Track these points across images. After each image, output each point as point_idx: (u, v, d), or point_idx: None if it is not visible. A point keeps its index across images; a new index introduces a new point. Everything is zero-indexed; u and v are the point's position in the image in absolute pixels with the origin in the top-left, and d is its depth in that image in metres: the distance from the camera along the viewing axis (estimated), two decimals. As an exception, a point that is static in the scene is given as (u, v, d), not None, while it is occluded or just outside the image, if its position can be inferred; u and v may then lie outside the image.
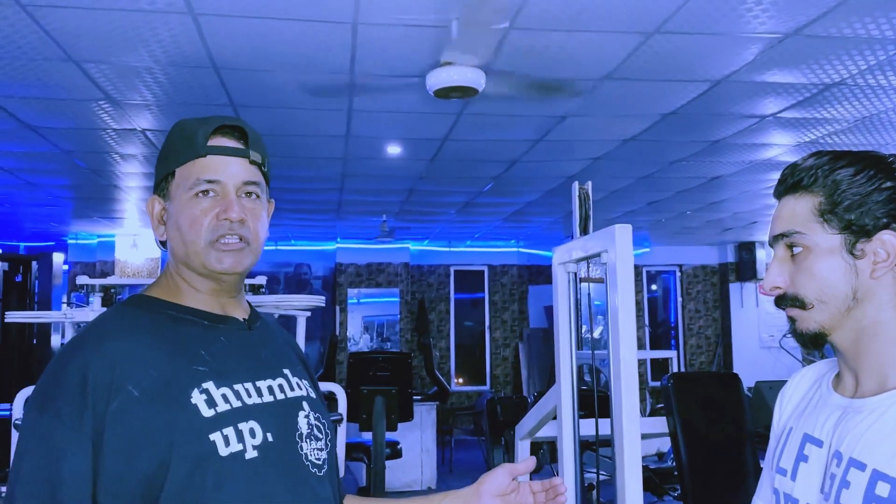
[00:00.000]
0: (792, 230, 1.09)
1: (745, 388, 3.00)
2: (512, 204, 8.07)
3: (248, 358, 1.17)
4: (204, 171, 1.15)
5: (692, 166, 6.27)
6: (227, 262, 1.15)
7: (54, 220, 8.71)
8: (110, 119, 4.74)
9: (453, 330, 11.40)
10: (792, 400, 1.22)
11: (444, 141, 5.43)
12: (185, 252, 1.16)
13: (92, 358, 1.04)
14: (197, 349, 1.12)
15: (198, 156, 1.15)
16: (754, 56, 3.81)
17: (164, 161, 1.20)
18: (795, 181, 1.11)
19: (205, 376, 1.08)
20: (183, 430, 1.03)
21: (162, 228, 1.20)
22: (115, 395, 1.02)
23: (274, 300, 3.01)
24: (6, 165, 5.96)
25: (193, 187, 1.15)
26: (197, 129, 1.17)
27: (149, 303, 1.18)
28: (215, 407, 1.06)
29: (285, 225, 9.23)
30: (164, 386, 1.05)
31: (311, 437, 1.17)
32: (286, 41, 3.55)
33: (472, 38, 3.45)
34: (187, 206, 1.15)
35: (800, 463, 1.11)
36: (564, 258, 2.35)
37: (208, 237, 1.14)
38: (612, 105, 4.61)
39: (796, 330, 1.12)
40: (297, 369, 1.26)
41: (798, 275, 1.09)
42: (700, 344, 11.55)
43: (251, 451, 1.06)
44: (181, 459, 1.02)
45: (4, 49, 3.56)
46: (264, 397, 1.13)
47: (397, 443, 5.23)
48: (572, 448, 2.29)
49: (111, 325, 1.12)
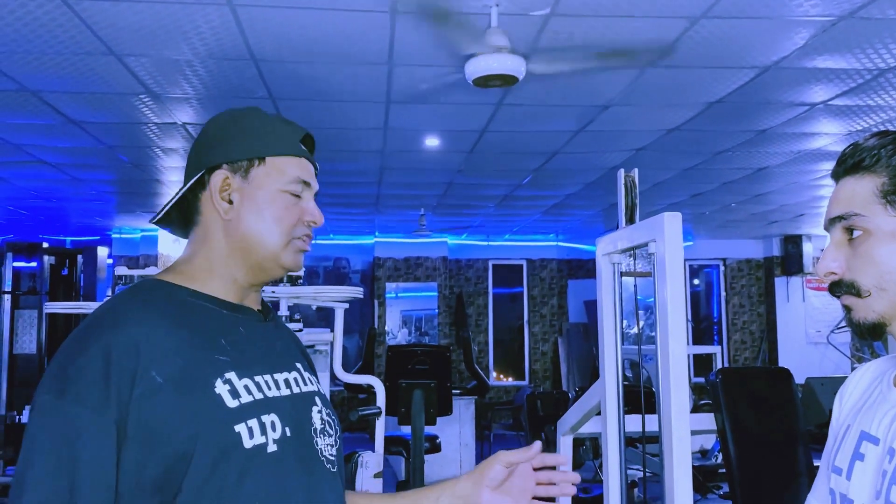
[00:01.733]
0: (851, 212, 1.02)
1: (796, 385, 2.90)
2: (552, 197, 7.98)
3: (265, 350, 1.15)
4: (303, 173, 1.18)
5: (738, 157, 6.11)
6: (297, 261, 1.19)
7: (98, 214, 8.86)
8: (151, 113, 4.78)
9: (492, 324, 11.35)
10: (852, 396, 1.16)
11: (483, 132, 5.37)
12: (257, 240, 1.14)
13: (115, 341, 1.01)
14: (217, 337, 1.09)
15: (295, 154, 1.18)
16: (805, 41, 3.68)
17: (247, 141, 1.16)
18: (856, 161, 1.04)
19: (227, 366, 1.06)
20: (208, 419, 1.01)
21: (227, 206, 1.14)
22: (139, 381, 0.99)
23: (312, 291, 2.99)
24: (52, 160, 6.07)
25: (290, 184, 1.16)
26: (289, 129, 1.20)
27: (165, 287, 1.13)
28: (239, 398, 1.04)
29: (325, 219, 9.25)
30: (188, 374, 1.02)
31: (324, 433, 1.16)
32: (324, 32, 3.53)
33: (513, 25, 3.38)
34: (278, 199, 1.15)
35: (856, 462, 1.05)
36: (609, 249, 2.29)
37: (289, 236, 1.16)
38: (656, 93, 4.50)
39: (852, 319, 1.04)
40: (306, 365, 1.25)
41: (856, 260, 1.02)
42: (744, 339, 11.32)
43: (272, 445, 1.04)
44: (205, 450, 0.99)
45: (48, 44, 3.60)
46: (282, 390, 1.11)
47: (436, 437, 5.21)
48: (617, 444, 2.22)
49: (131, 308, 1.08)
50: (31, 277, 7.27)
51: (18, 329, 7.08)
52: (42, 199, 7.78)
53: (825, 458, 1.18)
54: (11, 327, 7.04)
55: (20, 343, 7.06)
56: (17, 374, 7.03)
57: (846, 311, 1.05)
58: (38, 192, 7.37)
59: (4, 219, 8.93)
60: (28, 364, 7.03)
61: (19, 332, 7.08)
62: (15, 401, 6.96)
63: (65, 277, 7.42)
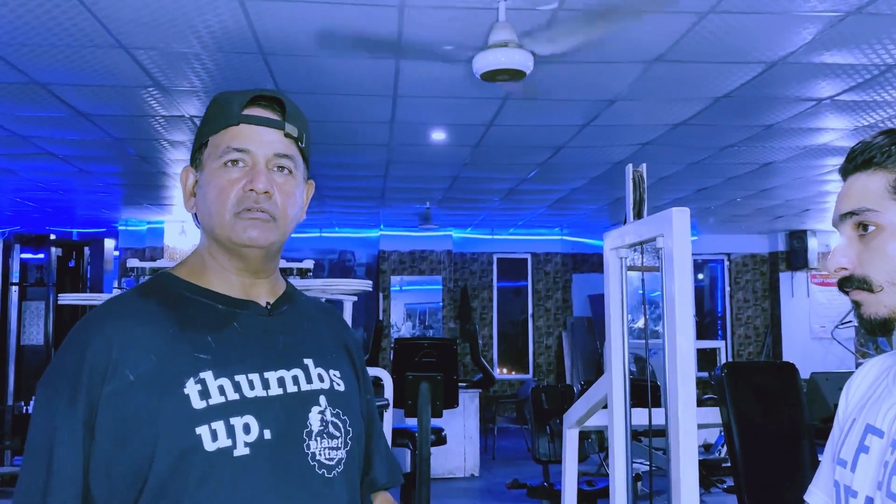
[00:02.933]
0: (863, 208, 1.03)
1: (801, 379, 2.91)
2: (557, 191, 7.98)
3: (260, 347, 1.11)
4: (234, 140, 1.10)
5: (744, 152, 6.11)
6: (253, 233, 1.09)
7: (105, 206, 8.89)
8: (159, 106, 4.80)
9: (496, 318, 11.37)
10: (858, 391, 1.17)
11: (489, 126, 5.38)
12: (211, 224, 1.12)
13: (92, 339, 1.03)
14: (204, 335, 1.07)
15: (230, 124, 1.11)
16: (812, 36, 3.68)
17: (199, 131, 1.16)
18: (867, 158, 1.05)
19: (205, 365, 1.04)
20: (169, 420, 1.00)
21: (193, 200, 1.16)
22: (110, 378, 1.00)
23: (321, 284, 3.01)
24: (60, 153, 6.09)
25: (223, 155, 1.10)
26: (233, 98, 1.12)
27: (168, 282, 1.14)
28: (208, 399, 1.02)
29: (330, 212, 9.28)
30: (161, 372, 1.02)
31: (324, 435, 1.10)
32: (332, 26, 3.54)
33: (520, 19, 3.39)
34: (216, 175, 1.11)
35: (860, 454, 1.07)
36: (616, 243, 2.30)
37: (234, 208, 1.09)
38: (663, 88, 4.50)
39: (862, 315, 1.05)
40: (327, 359, 1.18)
41: (867, 255, 1.03)
42: (748, 334, 11.32)
43: (241, 448, 1.01)
44: (165, 451, 0.98)
45: (57, 36, 3.61)
46: (271, 390, 1.07)
47: (442, 429, 5.23)
48: (623, 438, 2.24)
49: (120, 305, 1.10)
50: (39, 269, 7.29)
51: (26, 320, 7.11)
52: (49, 191, 7.81)
53: (829, 450, 1.19)
54: (19, 319, 7.07)
55: (27, 334, 7.10)
56: (24, 365, 7.06)
57: (856, 306, 1.06)
58: (45, 184, 7.40)
59: (12, 210, 8.96)
60: (35, 355, 7.06)
61: (27, 324, 7.11)
62: (22, 391, 7.00)
63: (72, 269, 7.45)
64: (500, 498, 6.44)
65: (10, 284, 7.04)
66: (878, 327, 1.04)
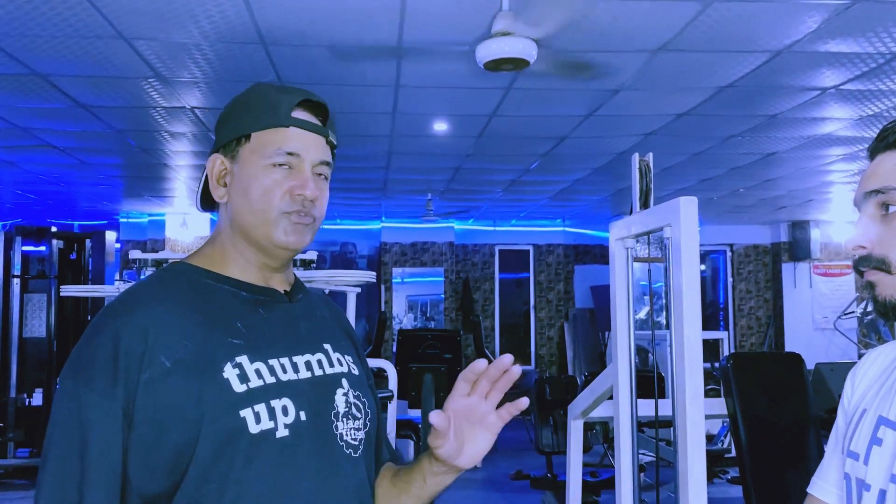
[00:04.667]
0: (889, 186, 1.01)
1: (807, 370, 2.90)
2: (559, 182, 7.96)
3: (286, 332, 1.13)
4: (286, 143, 1.11)
5: (747, 142, 6.09)
6: (293, 238, 1.12)
7: (106, 198, 8.88)
8: (160, 97, 4.78)
9: (498, 309, 11.37)
10: (866, 379, 1.15)
11: (492, 117, 5.35)
12: (249, 221, 1.12)
13: (124, 326, 1.02)
14: (233, 321, 1.08)
15: (281, 125, 1.11)
16: (817, 24, 3.65)
17: (237, 121, 1.15)
18: None
19: (239, 350, 1.05)
20: (213, 404, 1.00)
21: (223, 190, 1.15)
22: (147, 366, 1.00)
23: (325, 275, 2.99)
24: (61, 144, 6.07)
25: (272, 156, 1.11)
26: (282, 98, 1.13)
27: (188, 270, 1.14)
28: (248, 382, 1.03)
29: (331, 204, 9.14)
30: (197, 358, 1.02)
31: (349, 416, 1.13)
32: (334, 15, 3.52)
33: (523, 7, 3.36)
34: (262, 174, 1.11)
35: (873, 446, 1.04)
36: (622, 233, 2.28)
37: (280, 209, 1.11)
38: (667, 78, 4.48)
39: (877, 296, 1.03)
40: (340, 344, 1.21)
41: (888, 235, 1.01)
42: (751, 325, 11.32)
43: (282, 430, 1.03)
44: (210, 434, 0.99)
45: (58, 27, 3.59)
46: (300, 373, 1.09)
47: (445, 421, 5.21)
48: (629, 428, 2.23)
49: (146, 292, 1.10)
50: (40, 261, 7.29)
51: (28, 313, 7.11)
52: (50, 184, 7.79)
53: (834, 441, 1.17)
54: (21, 311, 7.07)
55: (30, 327, 7.10)
56: (26, 357, 7.07)
57: (870, 287, 1.04)
58: (46, 176, 7.38)
59: (13, 203, 8.95)
60: (37, 347, 7.07)
61: (29, 316, 7.11)
62: (25, 384, 7.01)
63: (73, 261, 7.44)
64: (503, 489, 6.44)
65: (11, 277, 7.04)
66: (891, 310, 1.02)
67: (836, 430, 1.18)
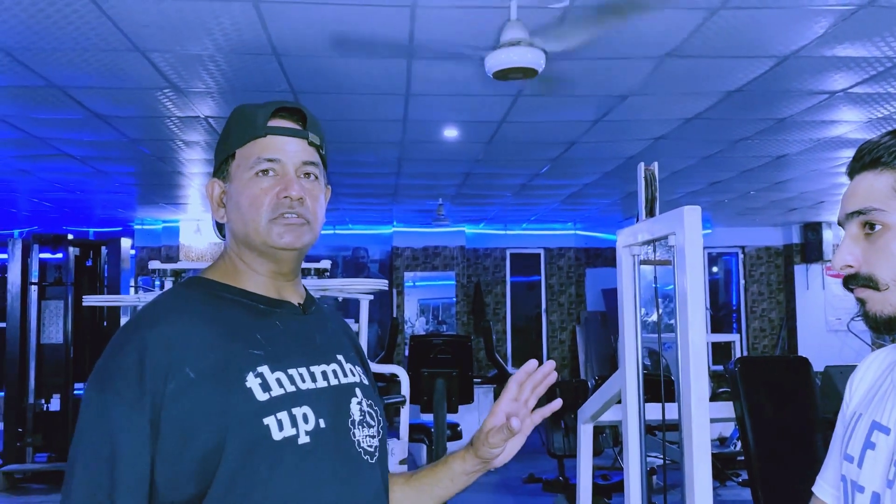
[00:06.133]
0: (870, 207, 1.05)
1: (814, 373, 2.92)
2: (570, 186, 7.99)
3: (302, 343, 1.18)
4: (264, 151, 1.16)
5: (757, 145, 6.10)
6: (288, 238, 1.16)
7: (121, 206, 8.98)
8: (174, 107, 4.85)
9: (509, 313, 11.39)
10: (862, 384, 1.19)
11: (501, 123, 5.40)
12: (245, 231, 1.17)
13: (149, 339, 1.06)
14: (252, 333, 1.12)
15: (257, 136, 1.17)
16: (824, 30, 3.67)
17: (223, 144, 1.21)
18: (875, 157, 1.07)
19: (260, 360, 1.09)
20: (237, 413, 1.04)
21: (222, 211, 1.21)
22: (171, 377, 1.03)
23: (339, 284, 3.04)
24: (77, 154, 6.16)
25: (254, 166, 1.16)
26: (257, 111, 1.18)
27: (205, 285, 1.19)
28: (269, 391, 1.07)
29: (343, 209, 9.33)
30: (220, 369, 1.06)
31: (364, 424, 1.17)
32: (345, 27, 3.57)
33: (532, 17, 3.41)
34: (248, 185, 1.16)
35: (867, 450, 1.08)
36: (629, 241, 2.32)
37: (269, 215, 1.15)
38: (675, 83, 4.51)
39: (868, 312, 1.07)
40: (350, 355, 1.25)
41: (873, 254, 1.05)
42: (763, 327, 11.28)
43: (304, 437, 1.07)
44: (235, 442, 1.03)
45: (75, 40, 3.66)
46: (318, 383, 1.14)
47: (457, 425, 5.26)
48: (637, 432, 2.26)
49: (168, 306, 1.14)
50: (57, 269, 7.38)
51: (45, 319, 7.20)
52: (66, 192, 7.90)
53: (835, 444, 1.21)
54: (39, 318, 7.16)
55: (47, 333, 7.19)
56: (44, 363, 7.15)
57: (861, 303, 1.08)
58: (62, 184, 7.48)
59: (30, 211, 9.07)
60: (55, 353, 7.15)
61: (46, 323, 7.20)
62: (43, 389, 7.10)
63: (89, 268, 7.52)
64: (515, 492, 6.47)
65: (29, 284, 7.13)
66: (882, 325, 1.05)
67: (836, 432, 1.22)
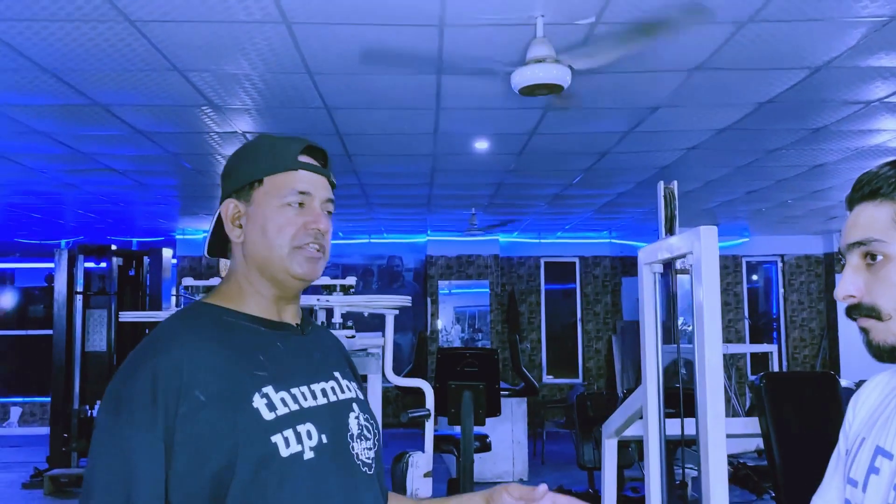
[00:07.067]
0: (870, 238, 1.07)
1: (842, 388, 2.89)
2: (603, 195, 7.97)
3: (302, 362, 1.24)
4: (298, 183, 1.23)
5: (792, 155, 6.03)
6: (306, 269, 1.23)
7: (163, 217, 9.21)
8: (213, 123, 4.99)
9: (544, 322, 11.37)
10: (865, 406, 1.20)
11: (532, 135, 5.43)
12: (265, 256, 1.23)
13: (160, 365, 1.11)
14: (256, 354, 1.18)
15: (291, 168, 1.24)
16: (856, 41, 3.64)
17: (248, 167, 1.26)
18: (874, 188, 1.08)
19: (264, 381, 1.15)
20: (246, 432, 1.09)
21: (238, 231, 1.25)
22: (183, 400, 1.08)
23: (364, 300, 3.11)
24: (120, 168, 6.36)
25: (286, 196, 1.23)
26: (289, 145, 1.26)
27: (209, 310, 1.24)
28: (275, 410, 1.13)
29: (378, 218, 9.43)
30: (228, 391, 1.12)
31: (361, 437, 1.24)
32: (375, 45, 3.65)
33: (558, 34, 3.45)
34: (277, 213, 1.22)
35: (871, 475, 1.09)
36: (650, 258, 2.34)
37: (294, 243, 1.22)
38: (705, 95, 4.50)
39: (871, 342, 1.08)
40: (345, 371, 1.32)
41: (876, 284, 1.06)
42: (804, 337, 11.09)
43: (308, 452, 1.13)
44: (246, 460, 1.08)
45: (117, 61, 3.81)
46: (318, 400, 1.20)
47: (486, 436, 5.29)
48: (658, 448, 2.28)
49: (176, 332, 1.19)
50: (101, 278, 7.61)
51: (89, 328, 7.42)
52: (110, 204, 8.13)
53: (834, 463, 1.22)
54: (83, 326, 7.38)
55: (91, 341, 7.40)
56: (88, 370, 7.37)
57: (864, 333, 1.10)
58: (106, 197, 7.71)
59: (76, 222, 9.35)
60: (98, 361, 7.37)
61: (90, 331, 7.42)
62: (87, 396, 7.31)
63: (132, 278, 7.74)
64: (547, 503, 6.45)
65: (74, 293, 7.36)
66: (886, 354, 1.07)
67: (837, 452, 1.23)
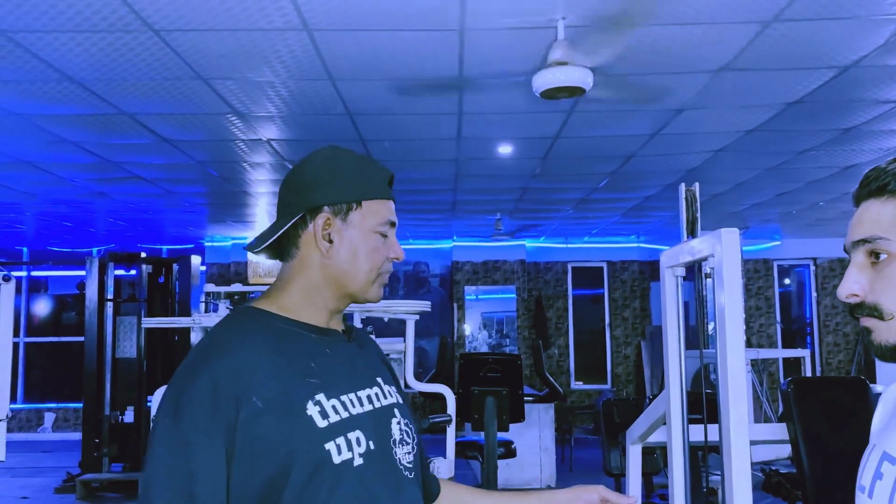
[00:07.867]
0: (876, 236, 1.04)
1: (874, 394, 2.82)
2: (630, 199, 7.91)
3: (348, 369, 1.27)
4: (390, 215, 1.31)
5: (823, 156, 5.93)
6: (379, 294, 1.33)
7: (191, 224, 9.33)
8: (238, 131, 5.04)
9: (572, 327, 11.30)
10: (880, 413, 1.18)
11: (556, 139, 5.41)
12: (350, 275, 1.27)
13: (219, 370, 1.13)
14: (307, 361, 1.21)
15: (386, 198, 1.31)
16: (886, 39, 3.57)
17: (344, 187, 1.27)
18: (882, 185, 1.05)
19: (317, 388, 1.18)
20: (301, 439, 1.13)
21: (327, 245, 1.26)
22: (242, 406, 1.11)
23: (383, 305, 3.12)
24: (148, 176, 6.45)
25: (381, 225, 1.29)
26: (379, 172, 1.32)
27: (259, 315, 1.25)
28: (328, 418, 1.16)
29: (403, 225, 9.45)
30: (283, 398, 1.14)
31: (403, 442, 1.27)
32: (397, 51, 3.66)
33: (579, 37, 3.43)
34: (370, 238, 1.28)
35: (877, 481, 1.07)
36: (672, 262, 2.31)
37: (377, 270, 1.30)
38: (731, 96, 4.44)
39: (873, 342, 1.05)
40: (386, 377, 1.35)
41: (879, 283, 1.03)
42: (838, 342, 10.88)
43: (358, 459, 1.17)
44: (300, 466, 1.11)
45: (142, 71, 3.86)
46: (364, 406, 1.23)
47: (511, 442, 5.26)
48: (681, 454, 2.24)
49: (233, 337, 1.20)
50: (131, 285, 7.71)
51: (120, 334, 7.53)
52: (139, 212, 8.25)
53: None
54: (114, 333, 7.49)
55: (121, 348, 7.51)
56: (119, 376, 7.47)
57: (866, 332, 1.07)
58: (135, 205, 7.83)
59: (106, 230, 9.51)
60: (129, 367, 7.47)
61: (121, 338, 7.53)
62: (118, 401, 7.41)
63: (161, 285, 7.84)
64: (575, 509, 6.39)
65: (105, 300, 7.47)
66: (888, 354, 1.04)
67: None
